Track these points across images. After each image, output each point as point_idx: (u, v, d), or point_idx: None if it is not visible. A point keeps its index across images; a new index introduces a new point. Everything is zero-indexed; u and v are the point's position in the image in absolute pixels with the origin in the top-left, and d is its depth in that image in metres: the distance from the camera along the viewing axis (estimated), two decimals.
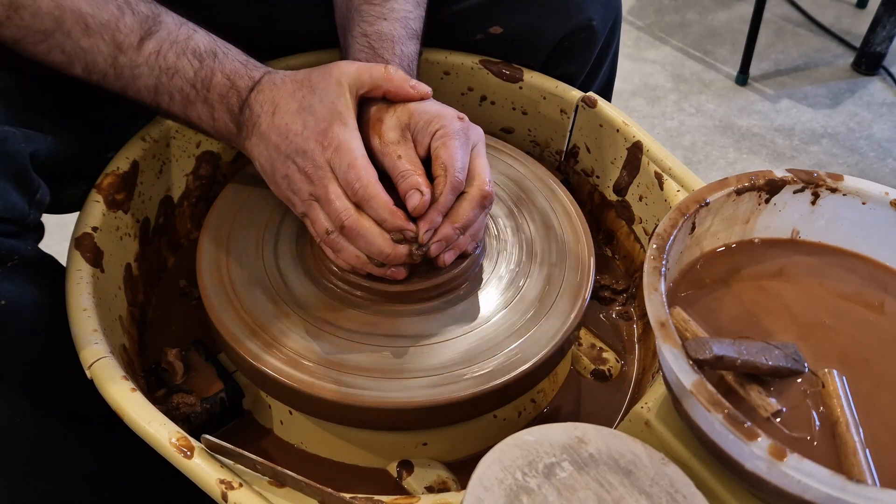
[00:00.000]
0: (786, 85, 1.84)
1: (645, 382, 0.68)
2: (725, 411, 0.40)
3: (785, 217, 0.55)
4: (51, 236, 0.65)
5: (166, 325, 0.71)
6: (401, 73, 0.61)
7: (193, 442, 0.49)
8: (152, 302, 0.73)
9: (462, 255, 0.62)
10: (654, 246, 0.48)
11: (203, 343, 0.65)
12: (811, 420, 0.45)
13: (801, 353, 0.47)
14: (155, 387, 0.64)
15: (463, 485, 0.57)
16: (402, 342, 0.59)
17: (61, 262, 0.62)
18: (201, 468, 0.48)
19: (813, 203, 0.55)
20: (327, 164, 0.57)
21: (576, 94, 0.78)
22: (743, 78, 1.82)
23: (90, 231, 0.62)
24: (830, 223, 0.55)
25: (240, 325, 0.59)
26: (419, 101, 0.62)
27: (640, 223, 0.76)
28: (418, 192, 0.57)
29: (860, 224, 0.54)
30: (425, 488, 0.60)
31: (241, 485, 0.48)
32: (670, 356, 0.43)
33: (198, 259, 0.64)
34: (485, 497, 0.42)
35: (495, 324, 0.61)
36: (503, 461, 0.43)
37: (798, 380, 0.47)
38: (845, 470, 0.43)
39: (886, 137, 1.69)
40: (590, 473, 0.43)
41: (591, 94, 0.78)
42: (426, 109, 0.61)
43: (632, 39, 1.97)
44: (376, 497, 0.48)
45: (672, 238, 0.49)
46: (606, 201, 0.80)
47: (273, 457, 0.62)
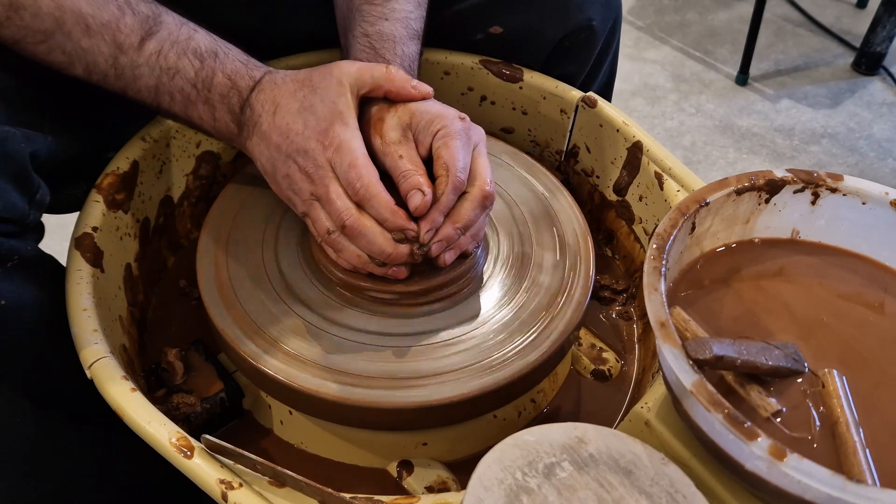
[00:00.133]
0: (786, 85, 1.84)
1: (645, 382, 0.68)
2: (725, 411, 0.40)
3: (785, 217, 0.55)
4: (51, 236, 0.65)
5: (166, 325, 0.71)
6: (402, 73, 0.61)
7: (193, 442, 0.49)
8: (152, 302, 0.73)
9: (462, 255, 0.62)
10: (654, 246, 0.48)
11: (203, 343, 0.65)
12: (811, 420, 0.45)
13: (801, 353, 0.47)
14: (155, 387, 0.64)
15: (463, 485, 0.57)
16: (403, 342, 0.59)
17: (61, 262, 0.62)
18: (201, 468, 0.48)
19: (813, 203, 0.55)
20: (328, 163, 0.57)
21: (576, 94, 0.78)
22: (743, 78, 1.82)
23: (90, 231, 0.62)
24: (830, 223, 0.55)
25: (240, 325, 0.59)
26: (420, 101, 0.62)
27: (640, 223, 0.76)
28: (420, 191, 0.57)
29: (860, 224, 0.54)
30: (425, 488, 0.60)
31: (241, 485, 0.48)
32: (670, 356, 0.43)
33: (198, 259, 0.64)
34: (485, 497, 0.42)
35: (495, 323, 0.61)
36: (503, 461, 0.43)
37: (798, 380, 0.47)
38: (845, 470, 0.43)
39: (886, 137, 1.69)
40: (590, 473, 0.43)
41: (591, 94, 0.78)
42: (427, 109, 0.61)
43: (632, 39, 1.97)
44: (376, 497, 0.48)
45: (672, 238, 0.49)
46: (606, 201, 0.80)
47: (273, 457, 0.62)
